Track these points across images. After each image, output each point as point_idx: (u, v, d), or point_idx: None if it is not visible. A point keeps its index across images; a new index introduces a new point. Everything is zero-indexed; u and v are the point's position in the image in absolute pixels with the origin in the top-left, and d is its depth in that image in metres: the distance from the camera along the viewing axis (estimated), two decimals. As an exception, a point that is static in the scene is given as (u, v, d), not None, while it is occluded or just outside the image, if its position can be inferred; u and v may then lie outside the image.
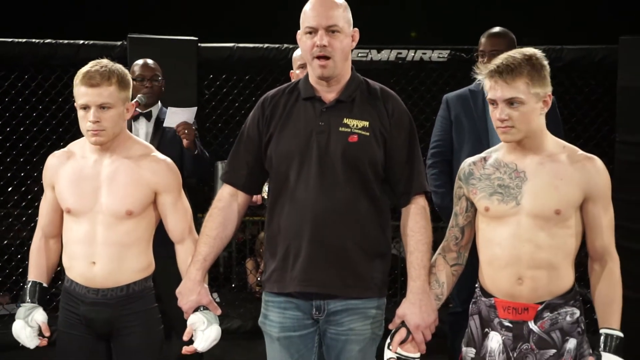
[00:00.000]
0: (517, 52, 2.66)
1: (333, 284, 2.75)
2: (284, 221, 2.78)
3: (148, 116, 4.34)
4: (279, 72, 5.30)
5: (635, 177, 4.88)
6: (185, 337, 2.88)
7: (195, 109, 4.33)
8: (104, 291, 2.95)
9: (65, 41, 5.29)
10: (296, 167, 2.76)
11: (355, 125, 2.76)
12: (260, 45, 5.38)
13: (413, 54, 5.38)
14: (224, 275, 6.76)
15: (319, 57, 2.74)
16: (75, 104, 2.94)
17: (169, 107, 4.29)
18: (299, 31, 2.82)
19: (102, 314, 2.96)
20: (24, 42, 5.25)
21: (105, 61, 2.93)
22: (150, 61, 4.44)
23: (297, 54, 3.98)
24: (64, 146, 3.12)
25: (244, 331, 5.57)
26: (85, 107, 2.88)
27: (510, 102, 2.63)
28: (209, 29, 5.74)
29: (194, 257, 2.88)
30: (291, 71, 4.00)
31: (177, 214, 3.01)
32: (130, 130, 4.23)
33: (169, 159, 3.04)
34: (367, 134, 2.76)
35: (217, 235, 2.86)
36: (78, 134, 3.03)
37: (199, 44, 5.38)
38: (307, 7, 2.79)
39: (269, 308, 2.85)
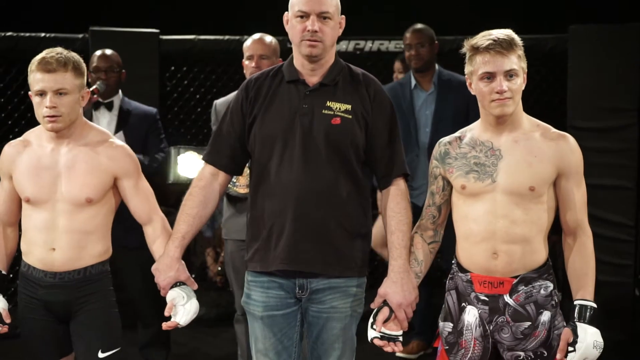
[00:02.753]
0: (501, 31, 2.69)
1: (315, 262, 2.76)
2: (267, 201, 2.79)
3: (109, 106, 4.32)
4: (240, 63, 5.27)
5: (586, 161, 4.96)
6: (167, 313, 2.85)
7: None
8: (61, 274, 2.94)
9: (27, 34, 5.22)
10: (280, 149, 2.77)
11: (338, 108, 2.78)
12: (221, 37, 5.37)
13: (371, 45, 5.43)
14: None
15: (309, 40, 2.75)
16: (29, 93, 2.92)
17: None
18: (286, 13, 2.83)
19: (60, 296, 2.95)
20: (-17, 35, 5.20)
21: (59, 49, 2.92)
22: (108, 52, 4.40)
23: (246, 44, 3.99)
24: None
25: (208, 319, 5.56)
26: (42, 93, 2.86)
27: (509, 74, 2.66)
28: (171, 21, 5.68)
29: (173, 234, 2.87)
30: (243, 60, 4.01)
31: (139, 196, 3.01)
32: (91, 119, 4.19)
33: (125, 145, 3.05)
34: (350, 117, 2.78)
35: (196, 214, 2.85)
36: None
37: (161, 36, 5.35)
38: None
39: (252, 288, 2.86)
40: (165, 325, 2.85)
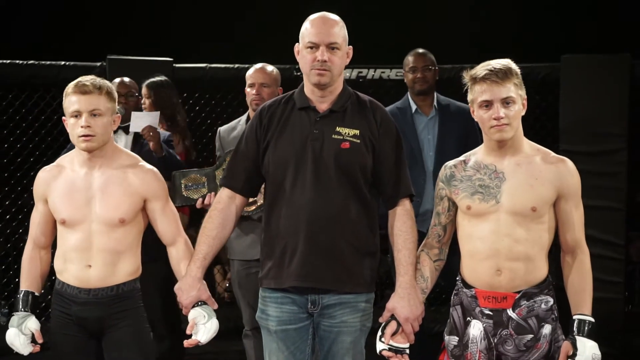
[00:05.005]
0: (499, 61, 2.75)
1: (327, 279, 2.78)
2: (281, 222, 2.82)
3: (126, 129, 4.33)
4: (249, 90, 5.31)
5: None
6: (188, 331, 2.88)
7: (158, 113, 4.32)
8: (95, 291, 2.95)
9: (47, 62, 5.27)
10: (292, 172, 2.80)
11: (347, 133, 2.82)
12: (231, 65, 5.41)
13: (373, 73, 5.46)
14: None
15: (318, 69, 2.79)
16: (63, 118, 2.95)
17: (132, 112, 4.27)
18: (297, 44, 2.87)
19: (93, 312, 2.95)
20: (7, 63, 5.25)
21: (93, 76, 2.98)
22: (126, 79, 4.44)
23: (248, 73, 4.01)
24: (48, 160, 3.11)
25: (218, 333, 5.53)
26: (77, 115, 2.89)
27: (506, 101, 2.71)
28: (184, 50, 5.73)
29: (194, 255, 2.90)
30: (245, 88, 4.04)
31: (166, 218, 3.03)
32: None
33: (155, 168, 3.07)
34: (358, 141, 2.81)
35: (216, 235, 2.88)
36: (59, 149, 3.01)
37: (174, 64, 5.39)
38: (308, 24, 2.84)
39: (266, 303, 2.88)
40: (186, 343, 2.88)
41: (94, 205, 2.93)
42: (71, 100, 2.90)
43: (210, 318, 2.88)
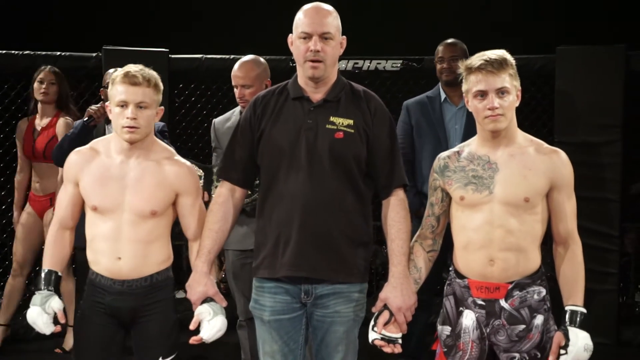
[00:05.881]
0: (494, 51, 2.74)
1: (321, 268, 2.77)
2: (275, 212, 2.81)
3: None
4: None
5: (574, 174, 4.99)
6: (192, 327, 2.86)
7: None
8: (129, 282, 2.92)
9: (44, 53, 5.25)
10: (286, 162, 2.79)
11: (340, 123, 2.80)
12: (227, 56, 5.39)
13: (369, 64, 5.44)
14: (189, 274, 6.70)
15: (311, 61, 2.77)
16: (106, 104, 2.94)
17: None
18: (290, 35, 2.86)
19: (127, 302, 2.93)
20: (3, 54, 5.25)
21: (141, 65, 2.95)
22: None
23: (232, 72, 3.89)
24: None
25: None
26: (123, 105, 2.86)
27: (501, 91, 2.69)
28: (180, 41, 5.70)
29: (200, 250, 2.88)
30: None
31: (194, 214, 2.99)
32: (104, 132, 4.19)
33: (189, 163, 3.04)
34: (352, 131, 2.80)
35: (219, 228, 2.87)
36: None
37: (170, 55, 5.37)
38: (301, 14, 2.82)
39: (260, 293, 2.87)
40: (191, 340, 2.85)
41: (127, 195, 2.90)
42: (119, 90, 2.86)
43: (215, 315, 2.85)
